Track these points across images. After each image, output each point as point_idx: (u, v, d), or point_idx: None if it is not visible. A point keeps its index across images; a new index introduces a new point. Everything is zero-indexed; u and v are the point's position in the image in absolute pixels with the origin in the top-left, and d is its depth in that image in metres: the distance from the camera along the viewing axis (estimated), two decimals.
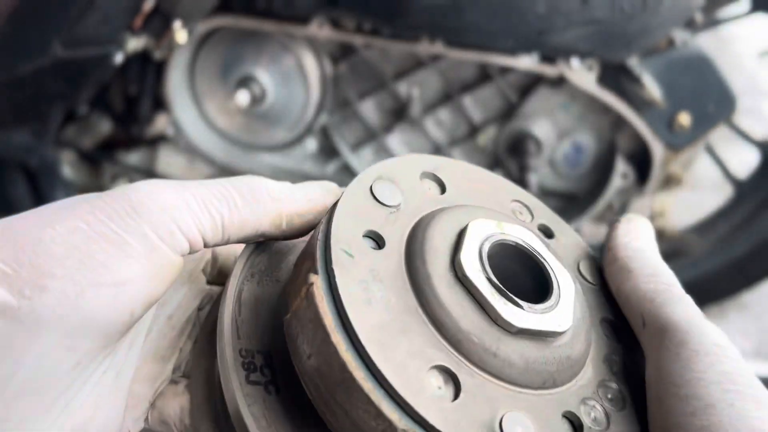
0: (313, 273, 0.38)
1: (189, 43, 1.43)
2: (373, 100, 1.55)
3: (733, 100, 1.38)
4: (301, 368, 0.37)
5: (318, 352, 0.36)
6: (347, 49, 1.50)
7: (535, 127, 1.47)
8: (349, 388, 0.35)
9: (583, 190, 1.56)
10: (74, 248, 0.39)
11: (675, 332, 0.40)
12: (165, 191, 0.41)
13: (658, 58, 1.35)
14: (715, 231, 1.68)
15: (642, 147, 1.44)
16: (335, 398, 0.35)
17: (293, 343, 0.38)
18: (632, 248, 0.47)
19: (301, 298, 0.38)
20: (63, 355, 0.38)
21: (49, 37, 1.17)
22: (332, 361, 0.35)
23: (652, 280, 0.44)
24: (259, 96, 1.48)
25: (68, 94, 1.29)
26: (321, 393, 0.36)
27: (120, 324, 0.40)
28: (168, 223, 0.41)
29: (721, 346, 0.39)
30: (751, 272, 1.62)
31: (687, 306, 0.42)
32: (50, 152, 1.38)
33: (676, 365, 0.39)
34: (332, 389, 0.35)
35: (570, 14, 1.21)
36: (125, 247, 0.39)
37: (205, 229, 0.42)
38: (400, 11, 1.25)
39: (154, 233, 0.40)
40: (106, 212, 0.40)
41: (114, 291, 0.39)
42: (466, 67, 1.49)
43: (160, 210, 0.41)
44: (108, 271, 0.39)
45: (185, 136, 1.55)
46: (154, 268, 0.40)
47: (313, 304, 0.37)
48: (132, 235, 0.40)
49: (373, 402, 0.34)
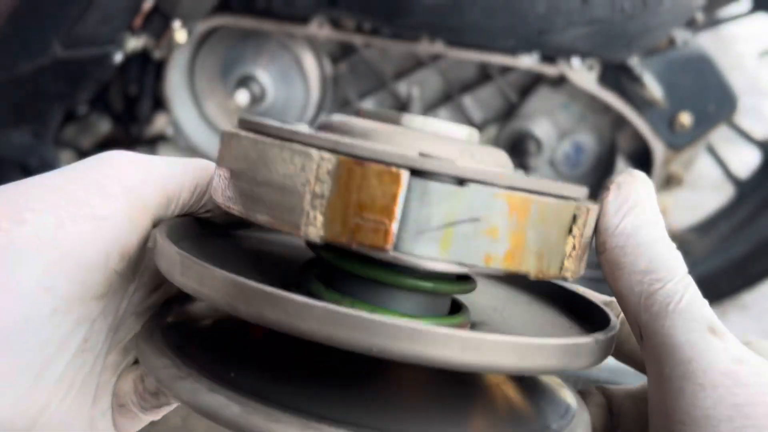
0: None
1: (188, 43, 1.43)
2: (373, 99, 1.54)
3: (734, 99, 1.38)
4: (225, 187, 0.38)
5: (235, 159, 0.38)
6: (347, 48, 1.50)
7: (535, 127, 1.47)
8: (264, 155, 0.36)
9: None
10: (55, 188, 0.40)
11: (675, 360, 0.35)
12: (132, 153, 0.44)
13: (658, 57, 1.35)
14: (716, 231, 1.68)
15: (643, 147, 1.44)
16: (257, 179, 0.36)
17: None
18: (624, 232, 0.38)
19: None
20: (41, 296, 0.37)
21: (48, 37, 1.17)
22: (247, 149, 0.37)
23: (646, 279, 0.37)
24: (259, 96, 1.48)
25: (68, 94, 1.29)
26: (246, 193, 0.37)
27: (96, 267, 0.39)
28: (141, 171, 0.42)
29: (733, 374, 0.34)
30: (752, 272, 1.62)
31: (690, 316, 0.36)
32: (50, 152, 1.38)
33: (681, 401, 0.34)
34: (254, 173, 0.37)
35: (570, 14, 1.20)
36: (103, 188, 0.40)
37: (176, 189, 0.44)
38: (400, 11, 1.25)
39: (129, 178, 0.41)
40: (82, 164, 0.42)
41: (94, 225, 0.39)
42: (467, 67, 1.48)
43: (130, 161, 0.43)
44: (88, 206, 0.39)
45: (185, 135, 1.55)
46: (131, 209, 0.41)
47: (230, 134, 0.40)
48: (109, 179, 0.41)
49: (287, 143, 0.35)
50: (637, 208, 0.38)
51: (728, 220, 1.68)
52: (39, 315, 0.37)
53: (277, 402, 0.34)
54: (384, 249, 0.33)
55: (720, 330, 0.36)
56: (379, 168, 0.33)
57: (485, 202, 0.34)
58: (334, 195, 0.34)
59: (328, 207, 0.34)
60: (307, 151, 0.34)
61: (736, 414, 0.33)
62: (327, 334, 0.32)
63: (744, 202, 1.67)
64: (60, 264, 0.38)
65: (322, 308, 0.32)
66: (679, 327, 0.36)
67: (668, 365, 0.35)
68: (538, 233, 0.36)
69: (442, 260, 0.34)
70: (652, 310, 0.37)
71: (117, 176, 0.41)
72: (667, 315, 0.36)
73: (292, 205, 0.34)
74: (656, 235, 0.38)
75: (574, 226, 0.38)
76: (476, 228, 0.34)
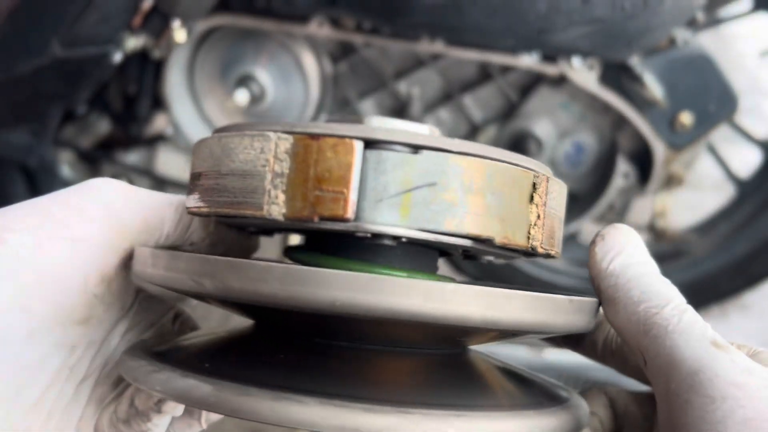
0: None
1: (188, 43, 1.42)
2: (373, 99, 1.54)
3: (735, 99, 1.38)
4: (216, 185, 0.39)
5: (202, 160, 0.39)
6: (347, 48, 1.49)
7: (535, 127, 1.47)
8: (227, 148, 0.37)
9: (584, 190, 1.55)
10: (35, 210, 0.40)
11: (681, 374, 0.34)
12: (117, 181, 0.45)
13: (659, 57, 1.35)
14: (717, 231, 1.68)
15: (643, 146, 1.43)
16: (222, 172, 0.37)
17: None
18: (613, 273, 0.39)
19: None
20: (17, 316, 0.37)
21: (47, 36, 1.17)
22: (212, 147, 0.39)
23: (641, 308, 0.38)
24: (259, 95, 1.48)
25: (67, 93, 1.29)
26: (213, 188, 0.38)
27: (74, 289, 0.39)
28: (122, 198, 0.43)
29: (741, 386, 0.33)
30: (753, 272, 1.62)
31: (690, 333, 0.36)
32: (49, 152, 1.38)
33: (689, 415, 0.33)
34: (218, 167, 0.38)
35: (571, 13, 1.20)
36: (83, 210, 0.41)
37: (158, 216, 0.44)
38: (400, 10, 1.24)
39: (110, 203, 0.42)
40: (67, 189, 0.43)
41: (71, 247, 0.39)
42: (467, 66, 1.48)
43: (115, 188, 0.44)
44: (66, 228, 0.40)
45: (184, 135, 1.55)
46: (110, 232, 0.41)
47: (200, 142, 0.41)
48: (90, 203, 0.42)
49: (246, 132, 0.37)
50: (623, 252, 0.40)
51: (729, 220, 1.67)
52: (14, 336, 0.37)
53: (249, 381, 0.34)
54: (345, 219, 0.34)
55: (724, 344, 0.36)
56: (333, 141, 0.35)
57: (440, 167, 0.35)
58: (293, 172, 0.35)
59: (288, 185, 0.35)
60: (265, 134, 0.36)
61: (745, 428, 0.32)
62: (288, 294, 0.32)
63: (745, 202, 1.67)
64: (36, 285, 0.38)
65: (283, 268, 0.32)
66: (681, 345, 0.35)
67: (674, 380, 0.35)
68: (497, 198, 0.37)
69: (403, 226, 0.35)
70: (651, 333, 0.37)
71: (98, 200, 0.42)
72: (667, 335, 0.36)
73: (254, 187, 0.36)
74: (645, 270, 0.39)
75: (535, 194, 0.38)
76: (434, 193, 0.35)
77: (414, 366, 0.40)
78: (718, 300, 1.65)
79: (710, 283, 1.62)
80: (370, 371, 0.39)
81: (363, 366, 0.39)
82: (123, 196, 0.43)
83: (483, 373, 0.42)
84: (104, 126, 1.57)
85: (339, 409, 0.32)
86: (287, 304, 0.32)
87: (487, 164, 0.36)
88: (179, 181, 1.56)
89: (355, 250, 0.40)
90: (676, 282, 0.40)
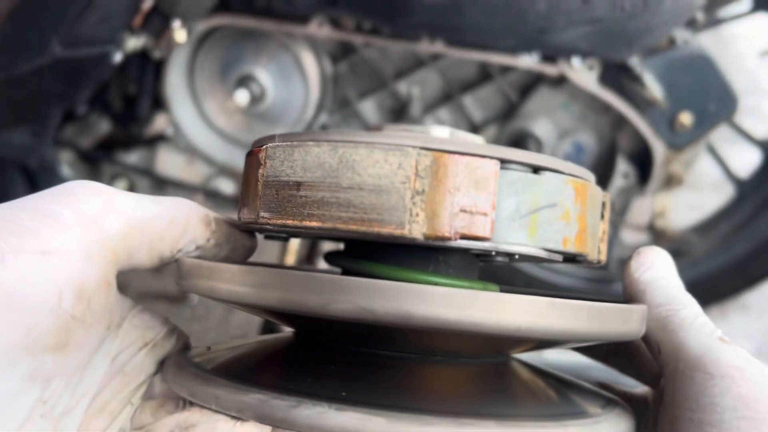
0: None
1: (188, 43, 1.42)
2: (373, 99, 1.54)
3: (735, 99, 1.38)
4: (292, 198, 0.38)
5: (304, 169, 0.37)
6: (347, 48, 1.49)
7: (535, 127, 1.47)
8: (347, 160, 0.36)
9: None
10: (3, 218, 0.34)
11: (689, 356, 0.40)
12: (96, 184, 0.39)
13: (659, 57, 1.35)
14: (717, 231, 1.68)
15: (643, 147, 1.43)
16: (342, 185, 0.36)
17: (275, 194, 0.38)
18: (643, 281, 0.45)
19: (262, 167, 0.39)
20: None
21: (48, 36, 1.17)
22: (321, 157, 0.36)
23: (663, 309, 0.43)
24: (259, 95, 1.48)
25: (67, 93, 1.29)
26: (328, 201, 0.36)
27: (45, 310, 0.33)
28: (102, 202, 0.37)
29: (739, 368, 0.37)
30: (753, 272, 1.62)
31: (700, 329, 0.41)
32: (49, 152, 1.38)
33: (691, 389, 0.38)
34: (336, 179, 0.36)
35: (570, 13, 1.20)
36: (56, 217, 0.35)
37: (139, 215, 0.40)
38: (400, 10, 1.24)
39: (88, 208, 0.36)
40: (38, 194, 0.37)
41: (39, 259, 0.33)
42: (467, 66, 1.48)
43: (94, 191, 0.38)
44: (35, 238, 0.34)
45: (184, 135, 1.55)
46: (89, 243, 0.35)
47: (277, 148, 0.38)
48: (64, 208, 0.35)
49: (375, 145, 0.35)
50: (654, 267, 0.46)
51: (729, 220, 1.67)
52: None
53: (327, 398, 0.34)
54: (486, 239, 0.35)
55: (729, 341, 0.41)
56: (473, 160, 0.35)
57: (559, 188, 0.37)
58: (432, 190, 0.34)
59: (427, 203, 0.35)
60: (404, 149, 0.35)
61: (740, 405, 0.36)
62: (394, 311, 0.31)
63: (744, 202, 1.67)
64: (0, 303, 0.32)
65: (394, 286, 0.31)
66: (692, 337, 0.41)
67: (682, 361, 0.40)
68: (592, 217, 0.40)
69: (531, 246, 0.37)
70: (668, 328, 0.42)
71: (74, 205, 0.36)
72: (681, 329, 0.42)
73: (391, 205, 0.34)
74: (672, 282, 0.46)
75: (605, 212, 0.42)
76: (554, 213, 0.37)
77: (467, 375, 0.40)
78: (718, 300, 1.65)
79: (710, 283, 1.62)
80: (429, 382, 0.39)
81: (419, 376, 0.39)
82: (103, 199, 0.37)
83: (528, 382, 0.42)
84: (104, 126, 1.57)
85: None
86: (386, 320, 0.32)
87: (587, 186, 0.39)
88: (179, 181, 1.56)
89: (408, 257, 0.40)
90: None
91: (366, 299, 0.31)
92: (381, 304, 0.31)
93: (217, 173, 1.59)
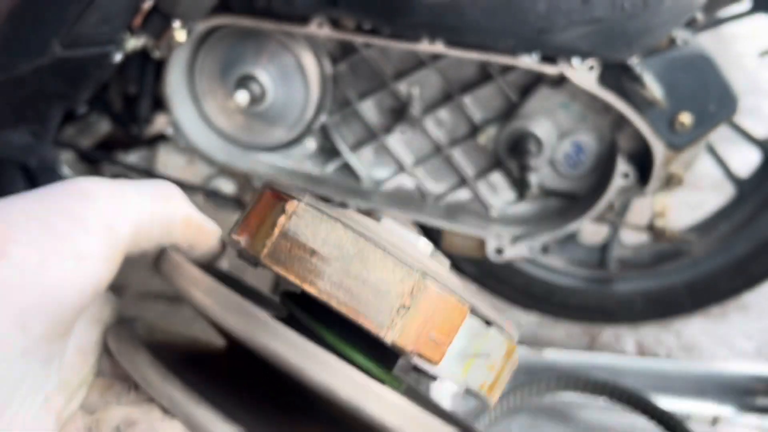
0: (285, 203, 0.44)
1: (188, 43, 1.42)
2: (373, 99, 1.54)
3: (735, 99, 1.38)
4: (306, 276, 0.42)
5: (324, 243, 0.41)
6: (347, 48, 1.50)
7: (535, 127, 1.47)
8: (364, 254, 0.41)
9: (584, 190, 1.55)
10: (36, 218, 0.37)
11: None
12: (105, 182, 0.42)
13: (659, 57, 1.35)
14: (716, 231, 1.68)
15: (643, 147, 1.43)
16: (351, 272, 0.41)
17: (289, 264, 0.42)
18: None
19: (286, 217, 0.43)
20: (16, 335, 0.35)
21: (48, 36, 1.17)
22: (343, 241, 0.41)
23: None
24: (259, 95, 1.48)
25: (67, 93, 1.29)
26: (333, 279, 0.41)
27: (70, 307, 0.37)
28: (117, 206, 0.40)
29: None
30: (753, 272, 1.62)
31: None
32: (50, 152, 1.38)
33: None
34: (348, 265, 0.41)
35: (570, 13, 1.20)
36: (85, 222, 0.38)
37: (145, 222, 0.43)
38: (400, 10, 1.24)
39: (108, 214, 0.40)
40: (57, 192, 0.39)
41: (75, 264, 0.37)
42: (467, 67, 1.48)
43: (108, 193, 0.41)
44: (70, 243, 0.37)
45: (184, 135, 1.55)
46: (108, 248, 0.39)
47: (308, 210, 0.43)
48: (90, 213, 0.39)
49: (390, 254, 0.41)
50: None
51: (729, 220, 1.67)
52: (11, 357, 0.35)
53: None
54: (436, 362, 0.42)
55: None
56: (453, 300, 0.42)
57: (497, 344, 0.45)
58: (414, 310, 0.41)
59: (408, 318, 0.41)
60: (410, 270, 0.41)
61: None
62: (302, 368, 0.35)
63: (744, 202, 1.67)
64: (39, 304, 0.35)
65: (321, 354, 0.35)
66: None
67: None
68: (506, 372, 0.46)
69: (459, 380, 0.43)
70: None
71: (98, 210, 0.39)
72: None
73: (380, 308, 0.40)
74: None
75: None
76: (485, 362, 0.44)
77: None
78: (718, 300, 1.65)
79: (710, 283, 1.62)
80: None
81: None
82: (117, 203, 0.40)
83: None
84: (104, 126, 1.57)
85: None
86: (293, 371, 0.36)
87: (515, 349, 0.46)
88: (179, 181, 1.56)
89: (348, 331, 0.44)
90: (676, 282, 0.44)
91: (294, 355, 0.35)
92: (304, 363, 0.35)
93: (217, 173, 1.59)
